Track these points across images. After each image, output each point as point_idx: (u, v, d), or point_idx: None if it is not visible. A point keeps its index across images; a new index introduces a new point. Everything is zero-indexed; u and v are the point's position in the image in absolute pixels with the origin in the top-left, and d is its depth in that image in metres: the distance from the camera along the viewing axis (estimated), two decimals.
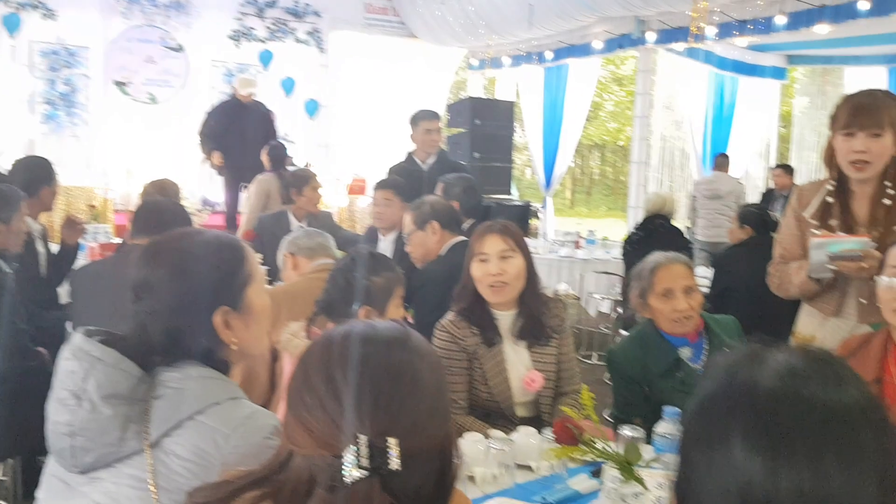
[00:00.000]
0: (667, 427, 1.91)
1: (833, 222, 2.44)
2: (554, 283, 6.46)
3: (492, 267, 2.28)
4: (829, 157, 2.45)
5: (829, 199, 2.47)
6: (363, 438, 0.84)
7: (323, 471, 0.86)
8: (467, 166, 5.64)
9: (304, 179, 4.66)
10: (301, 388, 0.92)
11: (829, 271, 2.38)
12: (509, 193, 8.86)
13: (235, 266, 1.29)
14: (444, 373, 1.03)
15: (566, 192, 25.53)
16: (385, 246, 4.02)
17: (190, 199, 7.88)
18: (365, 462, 0.83)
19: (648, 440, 1.92)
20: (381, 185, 3.97)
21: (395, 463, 0.84)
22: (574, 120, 10.36)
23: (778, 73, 10.54)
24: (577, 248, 6.69)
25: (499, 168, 8.42)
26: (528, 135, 11.20)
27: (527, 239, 7.25)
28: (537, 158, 10.76)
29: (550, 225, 10.43)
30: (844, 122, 2.34)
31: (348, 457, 0.84)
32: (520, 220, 9.52)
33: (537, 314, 2.35)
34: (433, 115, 4.81)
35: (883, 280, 2.00)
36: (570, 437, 1.87)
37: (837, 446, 0.71)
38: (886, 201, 2.35)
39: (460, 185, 3.71)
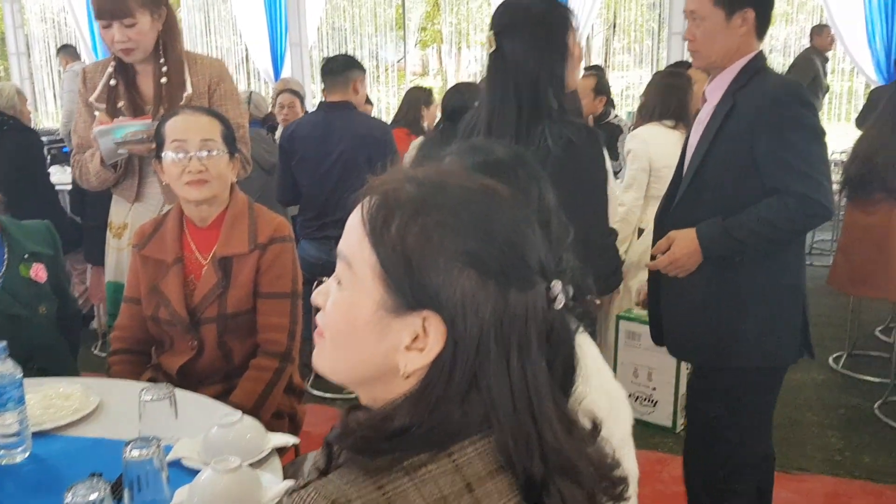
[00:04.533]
0: None
1: (121, 104, 2.36)
2: None
3: None
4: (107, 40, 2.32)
5: (113, 81, 2.37)
6: None
7: None
8: None
9: None
10: None
11: (122, 156, 2.32)
12: None
13: None
14: None
15: None
16: None
17: None
18: None
19: None
20: None
21: None
22: None
23: None
24: None
25: None
26: None
27: None
28: None
29: None
30: (96, 13, 2.26)
31: None
32: None
33: None
34: None
35: (167, 155, 1.90)
36: None
37: None
38: (164, 80, 2.34)
39: None
